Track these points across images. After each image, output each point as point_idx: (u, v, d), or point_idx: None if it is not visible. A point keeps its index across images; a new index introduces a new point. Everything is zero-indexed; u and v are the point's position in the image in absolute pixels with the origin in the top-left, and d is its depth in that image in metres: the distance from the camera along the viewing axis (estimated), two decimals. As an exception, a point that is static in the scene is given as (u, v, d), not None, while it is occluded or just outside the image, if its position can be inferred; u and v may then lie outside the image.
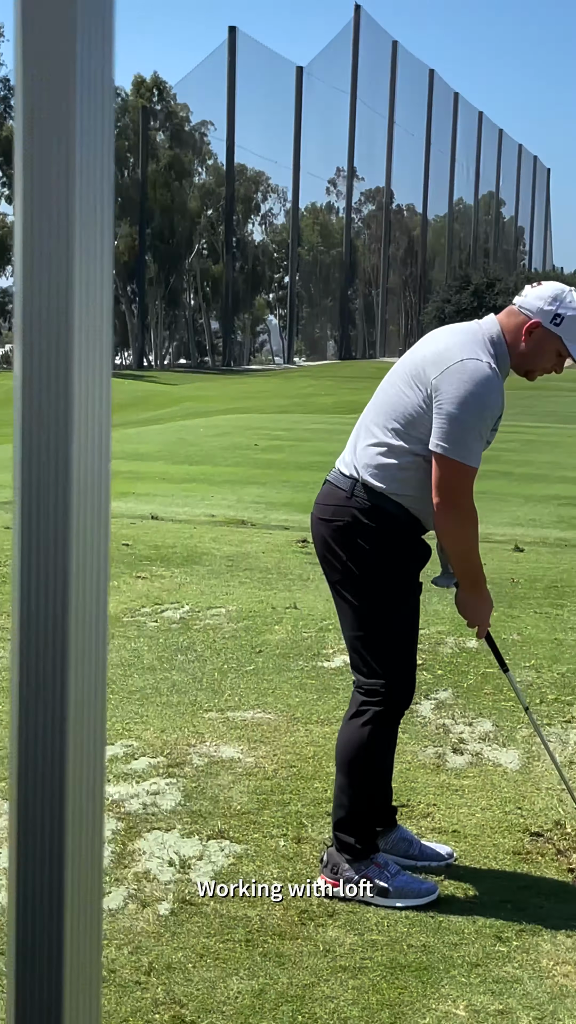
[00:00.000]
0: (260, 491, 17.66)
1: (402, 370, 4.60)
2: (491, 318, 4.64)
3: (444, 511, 4.46)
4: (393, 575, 4.58)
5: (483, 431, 4.42)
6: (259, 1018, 3.80)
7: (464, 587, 4.74)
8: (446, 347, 4.48)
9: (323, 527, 4.65)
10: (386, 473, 4.51)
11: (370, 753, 4.67)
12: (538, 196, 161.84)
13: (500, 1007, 3.93)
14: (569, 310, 4.51)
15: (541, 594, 10.31)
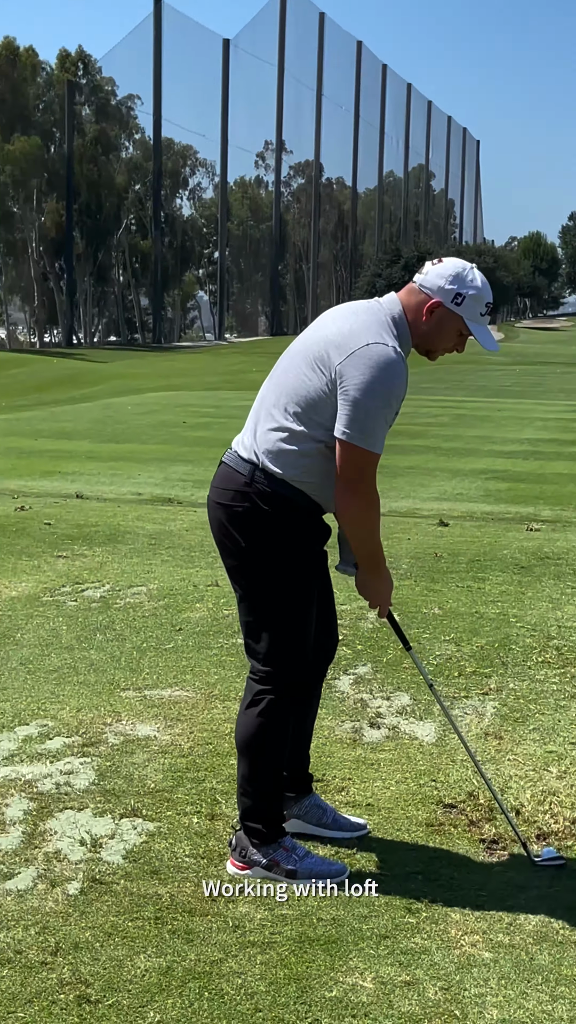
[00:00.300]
0: (187, 469, 17.63)
1: (304, 350, 4.53)
2: (392, 296, 4.59)
3: (347, 496, 4.44)
4: (289, 561, 4.54)
5: (388, 417, 4.39)
6: (165, 996, 3.81)
7: (364, 569, 4.70)
8: (350, 330, 4.41)
9: (220, 511, 4.60)
10: (286, 459, 4.46)
11: (268, 740, 4.64)
12: (468, 168, 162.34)
13: (407, 978, 3.96)
14: (470, 289, 4.46)
15: (464, 568, 10.36)
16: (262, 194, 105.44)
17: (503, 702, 6.77)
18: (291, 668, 4.60)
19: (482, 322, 4.53)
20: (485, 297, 4.49)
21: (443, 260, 4.55)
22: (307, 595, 4.62)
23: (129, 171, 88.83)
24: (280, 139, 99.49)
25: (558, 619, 8.59)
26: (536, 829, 5.14)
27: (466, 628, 8.30)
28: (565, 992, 3.91)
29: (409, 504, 14.52)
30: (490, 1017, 3.75)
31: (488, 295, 4.51)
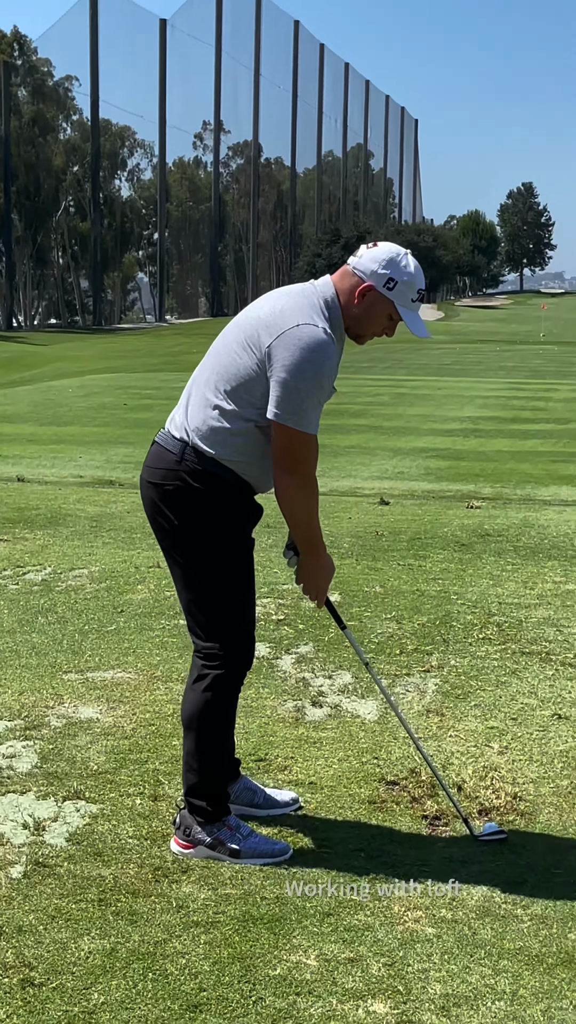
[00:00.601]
0: (128, 451, 17.58)
1: (237, 330, 4.53)
2: (326, 279, 4.59)
3: (283, 477, 4.45)
4: (224, 538, 4.54)
5: (320, 397, 4.39)
6: (109, 977, 3.81)
7: (304, 554, 4.70)
8: (281, 310, 4.41)
9: (152, 490, 4.59)
10: (217, 438, 4.46)
11: (215, 717, 4.64)
12: (406, 147, 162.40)
13: (351, 955, 3.98)
14: (403, 275, 4.46)
15: (405, 546, 10.40)
16: (201, 175, 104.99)
17: (444, 679, 6.81)
18: (234, 642, 4.61)
19: (413, 308, 4.55)
20: (417, 284, 4.50)
21: (378, 244, 4.56)
22: (244, 571, 4.62)
23: (67, 153, 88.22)
24: (218, 119, 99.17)
25: (499, 596, 8.64)
26: (478, 805, 5.17)
27: (407, 606, 8.33)
28: (508, 966, 3.94)
29: (350, 483, 14.55)
30: (433, 992, 3.77)
31: (420, 282, 4.52)
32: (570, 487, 14.56)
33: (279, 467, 4.43)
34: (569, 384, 33.88)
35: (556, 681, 6.79)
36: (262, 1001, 3.69)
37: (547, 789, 5.35)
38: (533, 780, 5.45)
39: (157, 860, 4.61)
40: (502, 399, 28.24)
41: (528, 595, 8.68)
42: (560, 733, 6.02)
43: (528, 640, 7.54)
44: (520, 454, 17.91)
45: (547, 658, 7.19)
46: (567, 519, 11.99)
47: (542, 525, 11.58)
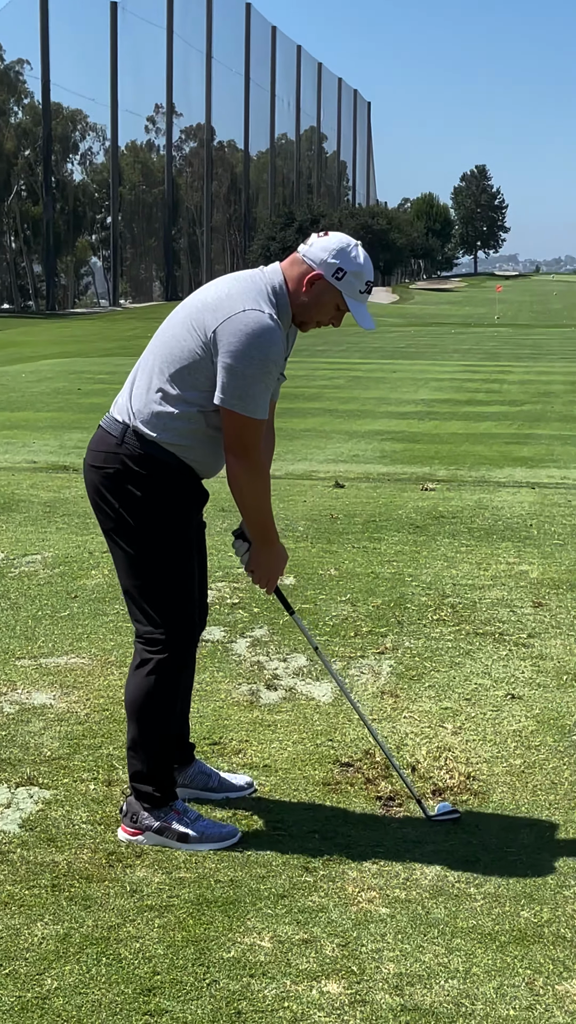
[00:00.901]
0: (83, 436, 17.46)
1: (183, 314, 4.52)
2: (275, 266, 4.58)
3: (234, 463, 4.46)
4: (166, 522, 4.53)
5: (268, 383, 4.38)
6: (63, 963, 3.80)
7: (256, 542, 4.70)
8: (228, 294, 4.41)
9: (94, 474, 4.57)
10: (159, 421, 4.45)
11: (159, 702, 4.62)
12: (359, 130, 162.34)
13: (305, 936, 3.98)
14: (352, 265, 4.46)
15: (359, 529, 10.41)
16: (154, 158, 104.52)
17: (399, 660, 6.82)
18: (177, 627, 4.59)
19: (361, 299, 4.54)
20: (366, 275, 4.50)
21: (328, 234, 4.56)
22: (185, 555, 4.60)
23: (18, 136, 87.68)
24: (170, 102, 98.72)
25: (453, 577, 8.66)
26: (432, 785, 5.19)
27: (362, 588, 8.34)
28: (461, 944, 3.95)
29: (305, 466, 14.55)
30: (387, 971, 3.78)
31: (369, 273, 4.52)
32: (524, 469, 14.61)
33: (229, 453, 4.44)
34: (523, 366, 34.00)
35: (509, 661, 6.82)
36: (216, 984, 3.69)
37: (500, 768, 5.37)
38: (486, 760, 5.47)
39: (111, 845, 4.61)
40: (457, 382, 28.29)
41: (482, 576, 8.71)
42: (513, 713, 6.05)
43: (482, 621, 7.57)
44: (474, 436, 17.95)
45: (500, 639, 7.22)
46: (520, 501, 12.04)
47: (496, 507, 11.62)
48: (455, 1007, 3.60)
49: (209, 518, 4.75)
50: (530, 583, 8.54)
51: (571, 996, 3.68)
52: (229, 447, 4.43)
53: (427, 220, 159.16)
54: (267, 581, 4.78)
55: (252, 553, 4.73)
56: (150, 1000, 3.60)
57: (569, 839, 4.75)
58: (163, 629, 4.57)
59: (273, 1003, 3.60)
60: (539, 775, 5.33)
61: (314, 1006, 3.59)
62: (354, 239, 4.56)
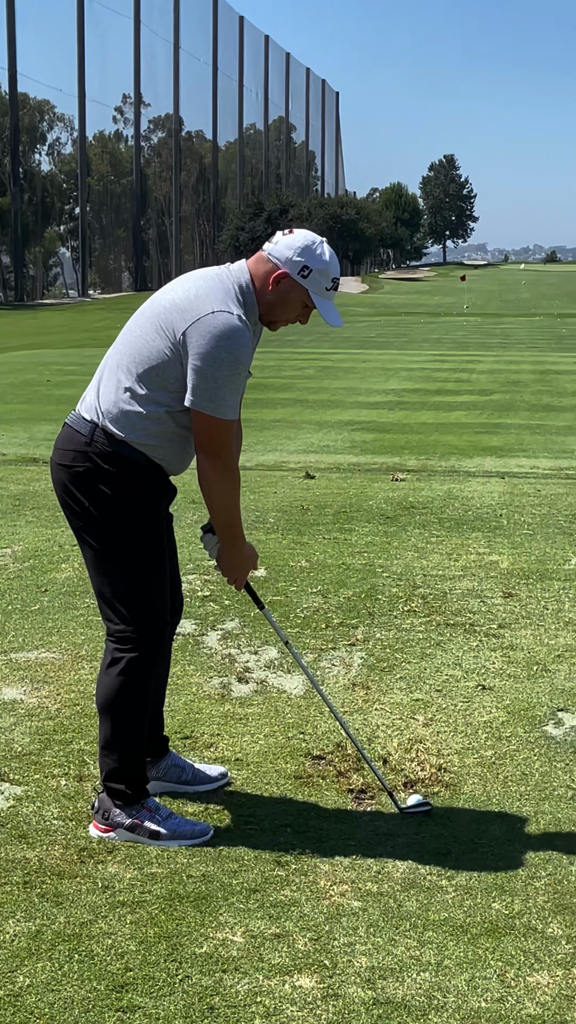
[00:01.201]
0: (52, 428, 17.41)
1: (151, 313, 4.51)
2: (241, 264, 4.57)
3: (205, 464, 4.46)
4: (136, 520, 4.52)
5: (238, 383, 4.39)
6: (35, 959, 3.79)
7: (222, 541, 4.70)
8: (196, 295, 4.40)
9: (62, 472, 4.55)
10: (128, 421, 4.44)
11: (131, 700, 4.61)
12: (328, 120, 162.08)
13: (277, 930, 3.98)
14: (318, 263, 4.46)
15: (330, 520, 10.41)
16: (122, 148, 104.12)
17: (370, 652, 6.83)
18: (148, 625, 4.58)
19: (327, 296, 4.54)
20: (332, 272, 4.50)
21: (294, 231, 4.55)
22: (155, 552, 4.59)
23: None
24: (138, 92, 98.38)
25: (423, 568, 8.68)
26: (403, 777, 5.20)
27: (333, 580, 8.35)
28: (433, 937, 3.96)
29: (276, 457, 14.54)
30: (359, 965, 3.79)
31: (335, 271, 4.52)
32: (494, 458, 14.64)
33: (201, 453, 4.44)
34: (493, 356, 34.06)
35: (480, 652, 6.84)
36: (189, 979, 3.69)
37: (471, 760, 5.39)
38: (457, 751, 5.48)
39: (83, 841, 4.60)
40: (426, 371, 28.32)
41: (452, 567, 8.73)
42: (484, 704, 6.07)
43: (452, 612, 7.59)
44: (444, 426, 17.98)
45: (471, 629, 7.24)
46: (491, 490, 12.07)
47: (466, 497, 11.64)
48: (427, 1000, 3.61)
49: (180, 511, 4.75)
50: (500, 573, 8.56)
51: (542, 987, 3.69)
52: (200, 447, 4.43)
53: (396, 210, 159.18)
54: (235, 579, 4.79)
55: (220, 551, 4.73)
56: (123, 996, 3.60)
57: (539, 830, 4.76)
58: (134, 627, 4.56)
59: (246, 998, 3.60)
60: (510, 766, 5.35)
61: (287, 1000, 3.60)
62: (319, 236, 4.55)
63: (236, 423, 4.51)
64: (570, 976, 3.76)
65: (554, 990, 3.68)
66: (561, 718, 5.89)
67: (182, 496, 9.78)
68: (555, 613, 7.59)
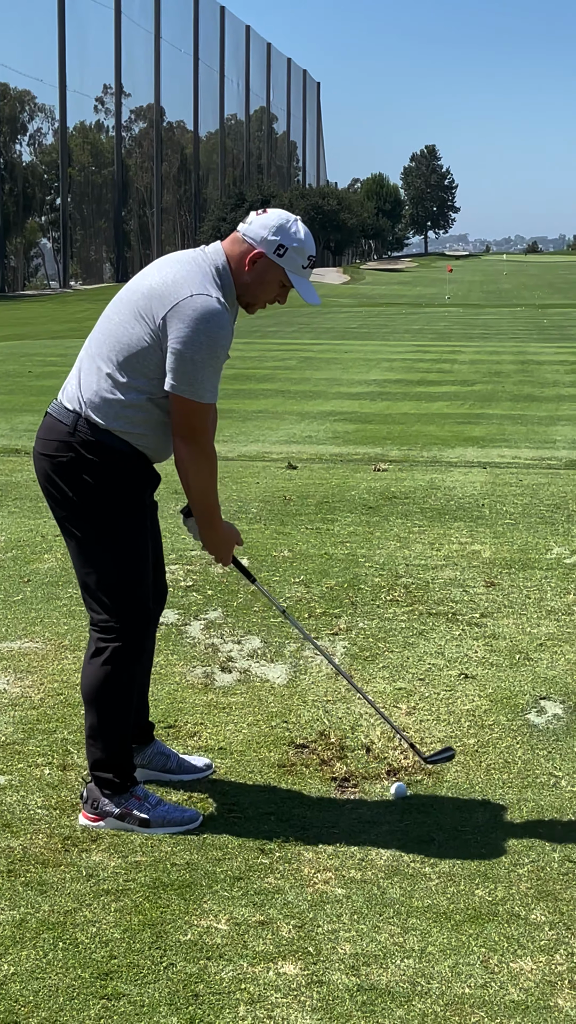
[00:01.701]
0: (34, 419, 17.37)
1: (128, 299, 4.50)
2: (216, 246, 4.56)
3: (182, 447, 4.46)
4: (119, 509, 4.52)
5: (217, 366, 4.39)
6: (20, 948, 3.79)
7: (201, 525, 4.71)
8: (173, 279, 4.39)
9: (45, 462, 4.55)
10: (110, 409, 4.44)
11: (116, 689, 4.61)
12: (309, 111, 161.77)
13: (261, 918, 3.99)
14: (293, 241, 4.46)
15: (313, 510, 10.42)
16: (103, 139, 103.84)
17: (353, 641, 6.84)
18: (131, 614, 4.58)
19: (304, 275, 4.55)
20: (307, 250, 4.50)
21: (267, 211, 4.55)
22: (139, 541, 4.59)
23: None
24: (119, 83, 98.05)
25: (406, 557, 8.69)
26: (386, 765, 5.21)
27: (316, 569, 8.36)
28: (416, 924, 3.98)
29: (258, 448, 14.55)
30: (343, 952, 3.80)
31: (311, 248, 4.52)
32: (476, 448, 14.67)
33: (177, 436, 4.44)
34: (474, 346, 34.09)
35: (463, 641, 6.86)
36: (173, 967, 3.70)
37: (454, 748, 5.40)
38: (441, 740, 5.50)
39: (67, 830, 4.60)
40: (408, 362, 28.34)
41: (435, 556, 8.75)
42: (467, 692, 6.09)
43: (435, 601, 7.60)
44: (426, 416, 18.00)
45: (454, 618, 7.26)
46: (472, 480, 12.09)
47: (448, 487, 11.66)
48: (411, 986, 3.63)
49: (163, 500, 4.75)
50: (482, 563, 8.58)
51: (525, 973, 3.71)
52: (177, 431, 4.43)
53: (377, 200, 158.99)
54: (222, 557, 4.79)
55: (200, 534, 4.74)
56: (107, 984, 3.60)
57: (522, 818, 4.78)
58: (118, 616, 4.56)
59: (230, 985, 3.61)
60: (492, 754, 5.37)
61: (271, 987, 3.61)
62: (293, 215, 4.54)
63: (213, 407, 4.51)
64: (553, 962, 3.78)
65: (537, 976, 3.70)
66: (543, 706, 5.92)
67: (165, 486, 9.75)
68: (537, 602, 7.62)
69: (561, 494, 11.26)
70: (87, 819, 4.66)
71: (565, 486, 11.73)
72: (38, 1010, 3.48)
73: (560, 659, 6.57)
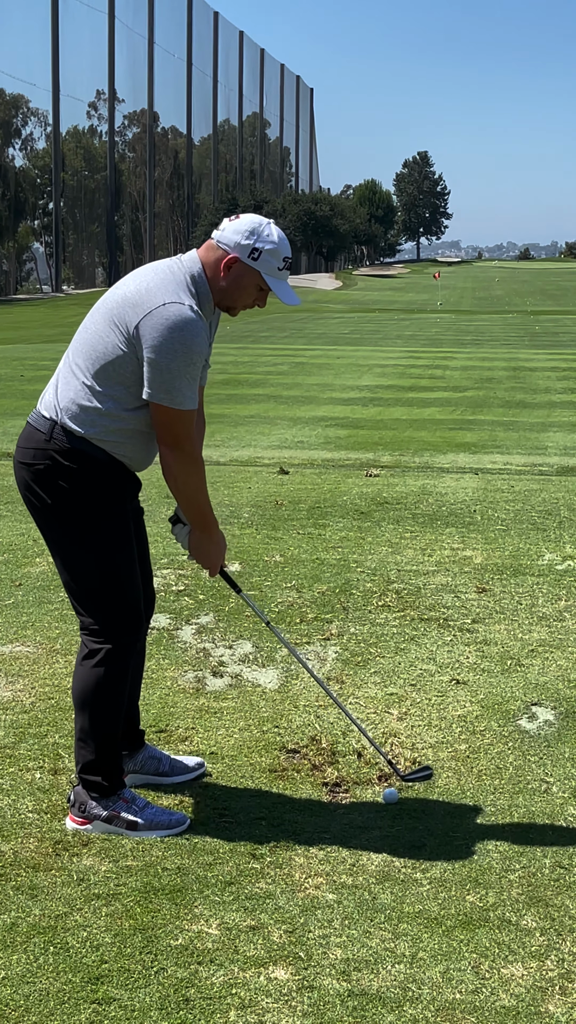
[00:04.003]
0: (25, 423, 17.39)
1: (104, 309, 4.51)
2: (192, 254, 4.57)
3: (168, 455, 4.47)
4: (98, 515, 4.52)
5: (193, 373, 4.39)
6: (10, 952, 3.79)
7: (195, 529, 4.72)
8: (147, 288, 4.39)
9: (24, 471, 4.55)
10: (86, 417, 4.44)
11: (107, 693, 4.61)
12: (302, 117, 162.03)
13: (252, 923, 3.99)
14: (266, 243, 4.46)
15: (304, 515, 10.42)
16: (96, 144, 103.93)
17: (344, 647, 6.84)
18: (118, 617, 4.58)
19: (280, 276, 4.55)
20: (282, 251, 4.50)
21: (240, 216, 4.56)
22: (122, 546, 4.58)
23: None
24: (112, 88, 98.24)
25: (397, 563, 8.69)
26: (378, 771, 5.21)
27: (307, 575, 8.35)
28: (407, 929, 3.98)
29: (250, 453, 14.55)
30: (334, 957, 3.80)
31: (285, 250, 4.52)
32: (467, 454, 14.68)
33: (162, 444, 4.46)
34: (466, 352, 34.14)
35: (454, 647, 6.86)
36: (164, 971, 3.69)
37: (445, 754, 5.40)
38: (432, 745, 5.50)
39: (57, 834, 4.60)
40: (400, 368, 28.37)
41: (426, 562, 8.75)
42: (458, 698, 6.08)
43: (426, 607, 7.61)
44: (418, 422, 18.02)
45: (445, 624, 7.26)
46: (464, 486, 12.10)
47: (440, 492, 11.66)
48: (402, 991, 3.63)
49: (154, 505, 4.77)
50: (474, 569, 8.59)
51: (516, 979, 3.71)
52: (161, 439, 4.45)
53: (370, 206, 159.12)
54: (209, 566, 4.80)
55: (191, 540, 4.74)
56: (98, 989, 3.60)
57: (513, 823, 4.78)
58: (107, 621, 4.57)
59: (221, 990, 3.61)
60: (484, 760, 5.37)
61: (262, 992, 3.60)
62: (266, 219, 4.55)
63: (196, 412, 4.51)
64: (544, 968, 3.78)
65: (528, 982, 3.70)
66: (535, 712, 5.92)
67: (155, 491, 9.78)
68: (528, 608, 7.62)
69: (553, 500, 11.27)
70: (74, 822, 4.66)
71: (556, 492, 11.75)
72: (28, 1014, 3.47)
73: (551, 665, 6.57)
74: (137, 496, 4.78)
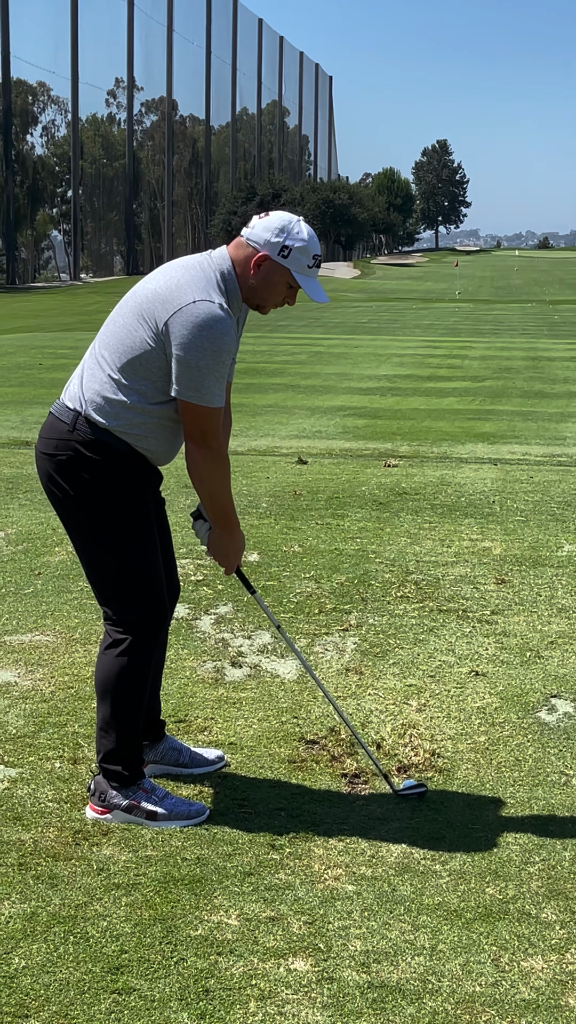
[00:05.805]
0: (44, 411, 17.33)
1: (133, 302, 4.50)
2: (222, 251, 4.57)
3: (195, 451, 4.47)
4: (120, 506, 4.53)
5: (221, 371, 4.39)
6: (30, 941, 3.80)
7: (216, 527, 4.72)
8: (177, 284, 4.39)
9: (46, 461, 4.56)
10: (111, 410, 4.44)
11: (130, 682, 4.62)
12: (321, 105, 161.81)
13: (272, 914, 4.00)
14: (296, 241, 4.45)
15: (323, 505, 10.41)
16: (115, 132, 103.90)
17: (363, 638, 6.84)
18: (142, 607, 4.59)
19: (310, 274, 4.54)
20: (312, 249, 4.49)
21: (270, 213, 4.55)
22: (144, 536, 4.58)
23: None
24: (131, 76, 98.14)
25: (416, 554, 8.68)
26: (397, 762, 5.21)
27: (326, 565, 8.35)
28: (427, 921, 3.98)
29: (268, 442, 14.54)
30: (353, 949, 3.80)
31: (315, 247, 4.51)
32: (486, 445, 14.65)
33: (189, 440, 4.46)
34: (484, 342, 34.06)
35: (473, 638, 6.85)
36: (184, 962, 3.70)
37: (464, 746, 5.40)
38: (451, 737, 5.50)
39: (77, 823, 4.61)
40: (418, 357, 28.32)
41: (445, 553, 8.74)
42: (477, 690, 6.08)
43: (445, 598, 7.60)
44: (437, 412, 17.98)
45: (464, 615, 7.25)
46: (483, 477, 12.08)
47: (459, 483, 11.65)
48: (421, 984, 3.63)
49: (173, 495, 4.77)
50: (493, 560, 8.58)
51: (536, 972, 3.71)
52: (189, 435, 4.45)
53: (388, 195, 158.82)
54: (226, 565, 4.80)
55: (211, 538, 4.74)
56: (118, 978, 3.61)
57: (533, 816, 4.78)
58: (131, 611, 4.57)
59: (240, 981, 3.61)
60: (503, 752, 5.36)
61: (281, 983, 3.61)
62: (295, 216, 4.54)
63: (224, 409, 4.51)
64: (564, 961, 3.77)
65: (548, 975, 3.70)
66: (554, 704, 5.91)
67: (175, 481, 9.79)
68: (548, 599, 7.61)
69: (572, 491, 11.25)
70: (94, 811, 4.67)
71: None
72: (48, 1004, 3.48)
73: (571, 657, 6.56)
74: (158, 488, 4.78)
